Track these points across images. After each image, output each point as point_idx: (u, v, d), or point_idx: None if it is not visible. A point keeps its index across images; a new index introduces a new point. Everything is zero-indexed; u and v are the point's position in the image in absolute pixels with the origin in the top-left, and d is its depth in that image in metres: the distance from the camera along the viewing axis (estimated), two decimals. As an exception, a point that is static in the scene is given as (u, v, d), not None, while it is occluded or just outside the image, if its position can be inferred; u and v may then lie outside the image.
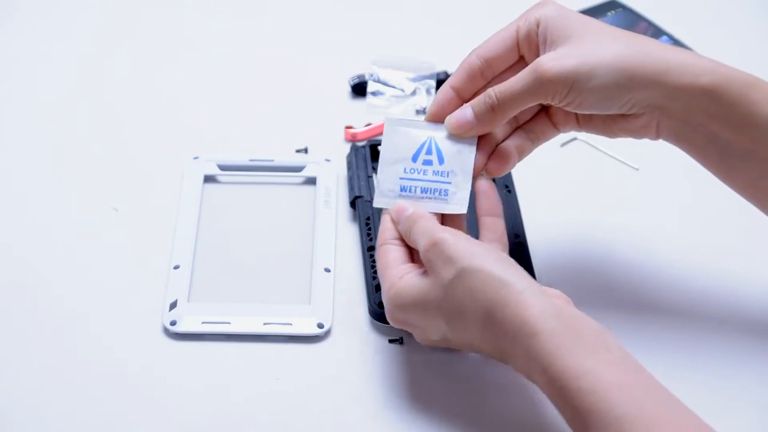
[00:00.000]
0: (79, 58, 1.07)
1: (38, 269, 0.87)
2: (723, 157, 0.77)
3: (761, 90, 0.75)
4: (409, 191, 0.79)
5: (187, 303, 0.84)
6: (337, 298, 0.84)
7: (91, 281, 0.86)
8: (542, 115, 0.81)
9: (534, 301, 0.70)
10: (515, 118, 0.79)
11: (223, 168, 0.95)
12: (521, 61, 0.79)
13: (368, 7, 1.15)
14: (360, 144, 0.96)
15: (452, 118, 0.78)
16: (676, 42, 1.09)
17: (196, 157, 0.95)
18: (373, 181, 0.92)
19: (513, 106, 0.76)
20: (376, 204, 0.79)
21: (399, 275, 0.75)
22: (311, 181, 0.94)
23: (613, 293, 0.86)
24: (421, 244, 0.74)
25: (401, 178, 0.79)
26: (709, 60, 0.76)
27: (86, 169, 0.95)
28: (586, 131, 0.81)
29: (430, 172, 0.79)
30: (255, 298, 0.85)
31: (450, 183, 0.78)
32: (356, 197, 0.91)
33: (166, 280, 0.85)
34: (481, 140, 0.79)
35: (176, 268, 0.86)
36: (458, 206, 0.78)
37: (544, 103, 0.77)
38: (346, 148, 0.97)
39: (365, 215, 0.90)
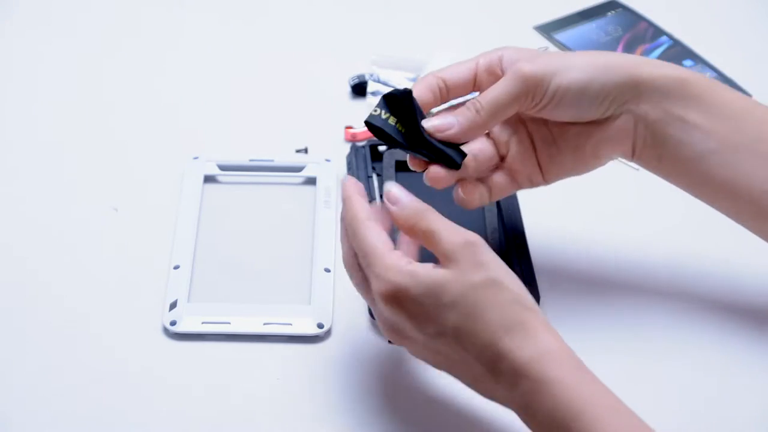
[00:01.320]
0: (78, 58, 1.07)
1: (38, 269, 0.87)
2: (699, 158, 0.78)
3: (727, 88, 0.79)
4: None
5: (187, 303, 0.84)
6: (337, 298, 0.84)
7: (91, 281, 0.86)
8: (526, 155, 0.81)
9: (550, 342, 0.69)
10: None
11: (223, 168, 0.95)
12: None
13: (368, 7, 1.15)
14: (360, 144, 0.96)
15: (435, 121, 0.77)
16: (676, 42, 1.09)
17: (196, 157, 0.95)
18: (373, 182, 0.92)
19: (497, 109, 0.77)
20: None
21: (404, 259, 0.71)
22: (311, 181, 0.94)
23: (614, 293, 0.86)
24: (444, 238, 0.71)
25: None
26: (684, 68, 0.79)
27: (86, 169, 0.95)
28: (557, 170, 0.81)
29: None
30: (255, 298, 0.85)
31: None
32: (356, 197, 0.91)
33: (166, 280, 0.85)
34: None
35: (176, 268, 0.86)
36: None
37: (524, 108, 0.77)
38: (346, 148, 0.97)
39: (365, 215, 0.89)
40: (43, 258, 0.87)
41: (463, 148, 0.77)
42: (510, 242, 0.88)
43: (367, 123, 0.76)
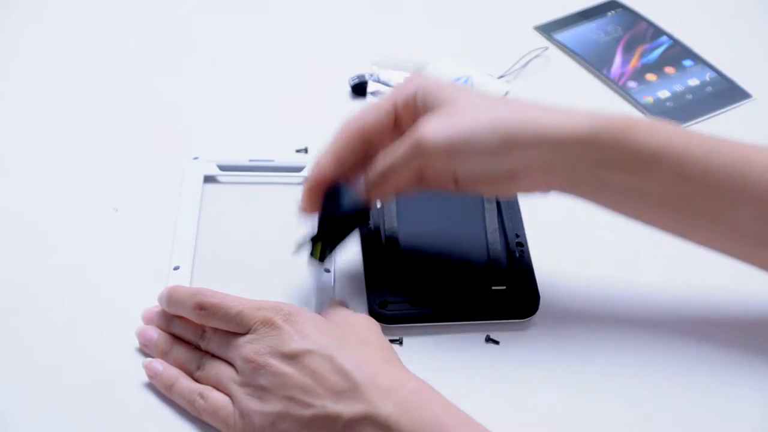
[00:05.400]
0: (79, 58, 1.07)
1: (38, 269, 0.87)
2: (619, 199, 0.78)
3: (641, 129, 0.75)
4: None
5: (187, 303, 0.84)
6: (337, 298, 0.84)
7: (91, 281, 0.86)
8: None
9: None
10: None
11: (223, 168, 0.94)
12: (398, 132, 0.79)
13: (368, 7, 1.15)
14: (360, 144, 0.96)
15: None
16: (676, 42, 1.09)
17: (196, 158, 0.95)
18: (373, 182, 0.92)
19: (398, 172, 0.78)
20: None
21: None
22: (311, 181, 0.94)
23: (614, 294, 0.86)
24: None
25: None
26: (586, 112, 0.76)
27: (86, 169, 0.95)
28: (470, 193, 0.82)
29: None
30: (255, 299, 0.84)
31: None
32: (356, 197, 0.91)
33: (166, 280, 0.85)
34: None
35: (176, 269, 0.86)
36: None
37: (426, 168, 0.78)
38: (346, 148, 0.97)
39: (365, 215, 0.90)
40: (43, 258, 0.87)
41: None
42: (510, 243, 0.88)
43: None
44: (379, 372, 0.72)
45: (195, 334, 0.79)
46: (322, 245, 0.82)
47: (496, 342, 0.83)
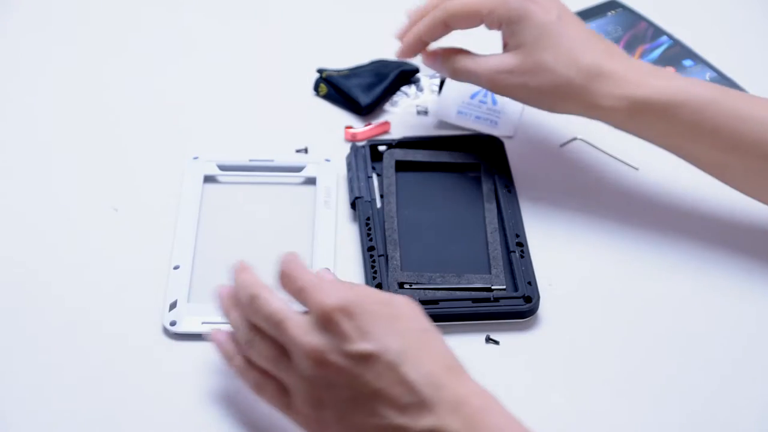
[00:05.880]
0: (79, 58, 1.07)
1: (38, 269, 0.87)
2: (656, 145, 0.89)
3: (676, 106, 0.85)
4: (466, 115, 0.99)
5: (187, 303, 0.84)
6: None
7: (91, 281, 0.86)
8: None
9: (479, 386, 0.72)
10: None
11: (223, 168, 0.95)
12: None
13: (369, 7, 1.15)
14: (360, 144, 0.96)
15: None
16: (676, 42, 1.09)
17: (196, 157, 0.95)
18: (373, 182, 0.92)
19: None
20: (439, 115, 1.00)
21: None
22: (311, 181, 0.94)
23: (613, 293, 0.86)
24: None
25: (459, 106, 1.00)
26: (636, 82, 0.86)
27: (87, 169, 0.95)
28: None
29: (484, 108, 1.00)
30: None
31: (499, 118, 0.99)
32: (356, 198, 0.91)
33: (166, 280, 0.85)
34: None
35: (176, 268, 0.86)
36: (505, 132, 0.99)
37: None
38: (346, 148, 0.97)
39: (365, 216, 0.90)
40: (43, 258, 0.88)
41: None
42: (510, 242, 0.88)
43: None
44: (445, 384, 0.70)
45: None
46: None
47: (496, 342, 0.83)
